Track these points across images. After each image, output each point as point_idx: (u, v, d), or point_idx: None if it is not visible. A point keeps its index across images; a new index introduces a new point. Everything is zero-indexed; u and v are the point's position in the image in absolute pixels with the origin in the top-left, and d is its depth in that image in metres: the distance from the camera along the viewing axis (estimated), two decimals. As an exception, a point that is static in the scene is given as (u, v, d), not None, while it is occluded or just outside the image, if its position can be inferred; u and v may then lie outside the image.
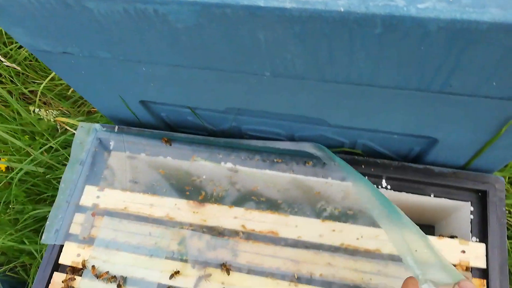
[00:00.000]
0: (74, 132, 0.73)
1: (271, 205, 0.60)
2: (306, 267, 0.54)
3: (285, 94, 0.49)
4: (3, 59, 0.97)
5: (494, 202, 0.54)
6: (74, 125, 0.86)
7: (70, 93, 1.09)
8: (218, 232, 0.58)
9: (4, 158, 0.95)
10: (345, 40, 0.36)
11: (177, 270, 0.56)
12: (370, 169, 0.59)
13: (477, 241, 0.53)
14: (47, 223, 0.62)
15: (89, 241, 0.61)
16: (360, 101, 0.47)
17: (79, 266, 0.59)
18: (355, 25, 0.33)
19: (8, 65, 0.98)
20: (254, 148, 0.62)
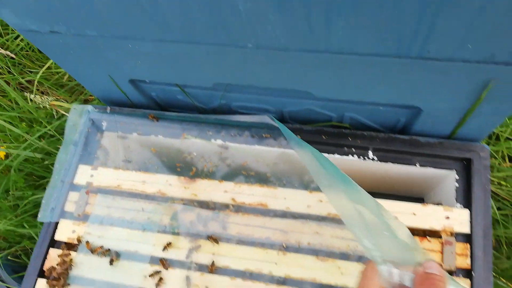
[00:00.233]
0: (69, 115, 0.75)
1: (260, 178, 0.61)
2: (294, 236, 0.55)
3: (269, 67, 0.50)
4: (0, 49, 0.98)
5: (478, 169, 0.55)
6: (69, 109, 0.88)
7: (65, 80, 1.10)
8: (209, 205, 0.60)
9: (3, 146, 0.96)
10: (322, 7, 0.37)
11: (169, 242, 0.57)
12: (356, 141, 0.59)
13: (462, 207, 0.54)
14: (43, 202, 0.64)
15: (83, 218, 0.62)
16: (342, 71, 0.48)
17: (75, 242, 0.61)
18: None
19: (4, 54, 0.99)
20: (243, 124, 0.63)
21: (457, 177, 0.56)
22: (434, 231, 0.54)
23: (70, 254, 0.60)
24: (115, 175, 0.64)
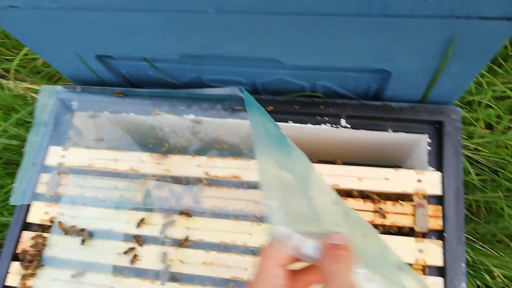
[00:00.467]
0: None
1: (234, 151, 0.60)
2: (267, 207, 0.55)
3: (233, 34, 0.49)
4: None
5: (450, 131, 0.54)
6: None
7: (40, 66, 1.08)
8: (181, 181, 0.59)
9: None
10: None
11: (142, 218, 0.57)
12: (328, 109, 0.59)
13: (434, 170, 0.54)
14: (14, 185, 0.62)
15: (56, 199, 0.61)
16: (307, 35, 0.47)
17: (48, 224, 0.60)
18: None
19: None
20: (215, 97, 0.62)
21: (429, 140, 0.56)
22: (407, 195, 0.54)
23: (44, 236, 0.59)
24: (87, 155, 0.63)
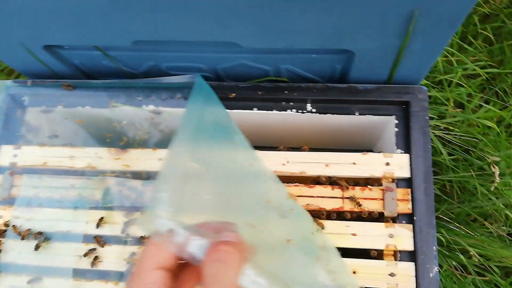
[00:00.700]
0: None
1: (196, 142, 0.57)
2: (232, 199, 0.53)
3: (185, 16, 0.46)
4: None
5: (416, 111, 0.53)
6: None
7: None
8: (142, 176, 0.56)
9: None
10: None
11: (101, 217, 0.54)
12: (293, 94, 0.56)
13: (402, 152, 0.53)
14: (-36, 189, 0.58)
15: (10, 201, 0.57)
16: (262, 14, 0.44)
17: (2, 228, 0.56)
18: None
19: None
20: (174, 86, 0.59)
21: (396, 121, 0.54)
22: (375, 179, 0.52)
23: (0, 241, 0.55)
24: (41, 153, 0.59)
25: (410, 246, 0.49)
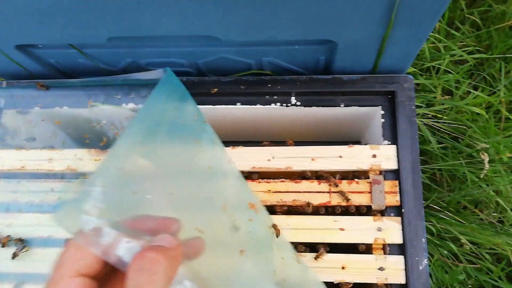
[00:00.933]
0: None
1: (179, 140, 0.56)
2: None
3: (159, 10, 0.44)
4: None
5: (402, 101, 0.52)
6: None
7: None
8: (124, 176, 0.54)
9: None
10: None
11: (82, 222, 0.52)
12: (277, 87, 0.55)
13: (389, 144, 0.52)
14: None
15: (-13, 207, 0.56)
16: (239, 4, 0.42)
17: (-19, 235, 0.54)
18: None
19: None
20: (154, 82, 0.57)
21: (382, 112, 0.53)
22: (362, 172, 0.51)
23: (-24, 249, 0.54)
24: (18, 156, 0.57)
25: (399, 239, 0.48)
